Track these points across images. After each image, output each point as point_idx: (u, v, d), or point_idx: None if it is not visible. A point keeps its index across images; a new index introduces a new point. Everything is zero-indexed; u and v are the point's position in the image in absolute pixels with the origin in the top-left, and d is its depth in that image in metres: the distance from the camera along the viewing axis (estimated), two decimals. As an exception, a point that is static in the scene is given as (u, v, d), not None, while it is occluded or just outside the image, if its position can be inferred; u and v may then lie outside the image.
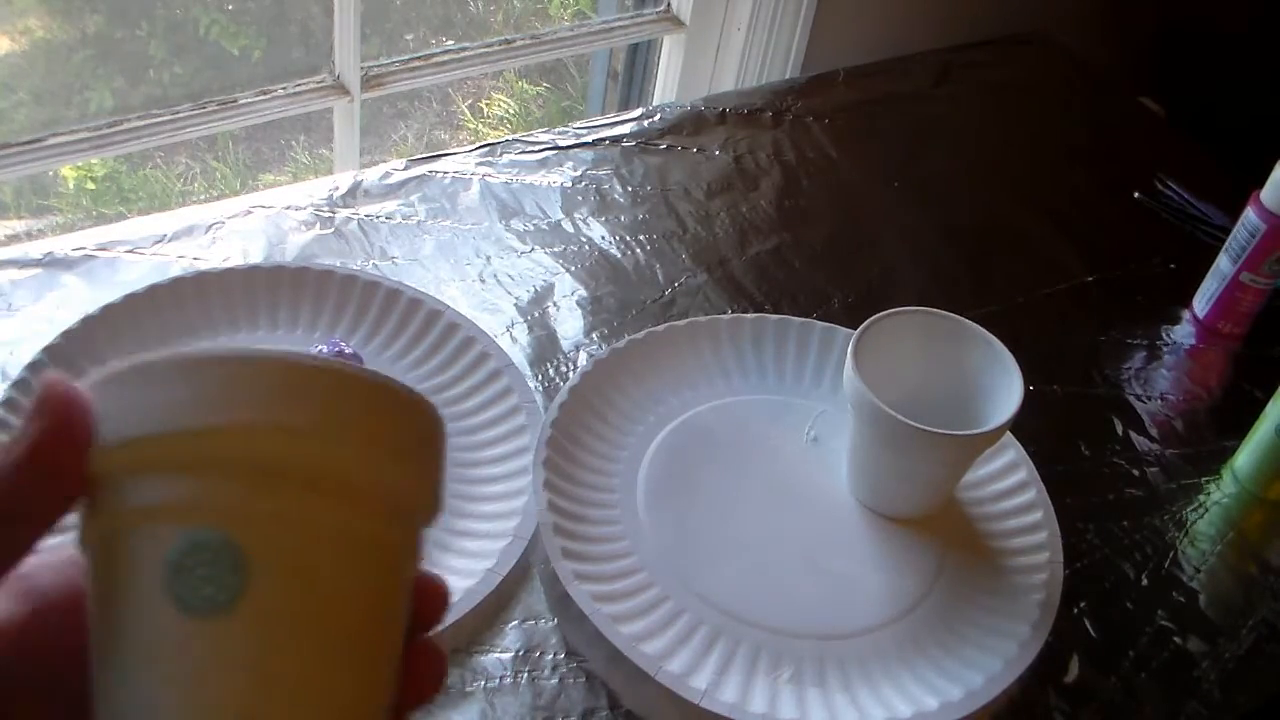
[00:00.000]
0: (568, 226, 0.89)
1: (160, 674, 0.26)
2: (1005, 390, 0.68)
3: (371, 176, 0.90)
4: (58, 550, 0.29)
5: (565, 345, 0.79)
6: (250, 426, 0.26)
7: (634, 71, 1.28)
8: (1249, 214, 0.85)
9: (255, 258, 0.81)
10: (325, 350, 0.74)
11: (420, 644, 0.29)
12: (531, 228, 0.88)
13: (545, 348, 0.79)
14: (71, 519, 0.27)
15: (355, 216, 0.86)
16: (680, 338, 0.79)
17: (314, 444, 0.26)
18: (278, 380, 0.27)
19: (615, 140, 0.98)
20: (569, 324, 0.81)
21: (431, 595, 0.30)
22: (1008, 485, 0.74)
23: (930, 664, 0.65)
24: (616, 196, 0.92)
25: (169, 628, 0.25)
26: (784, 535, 0.70)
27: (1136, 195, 1.02)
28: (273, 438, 0.26)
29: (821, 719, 0.61)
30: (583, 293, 0.84)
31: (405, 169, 0.91)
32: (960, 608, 0.68)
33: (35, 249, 0.79)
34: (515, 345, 0.78)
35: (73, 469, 0.26)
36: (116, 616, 0.26)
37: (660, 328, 0.79)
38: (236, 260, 0.80)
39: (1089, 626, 0.69)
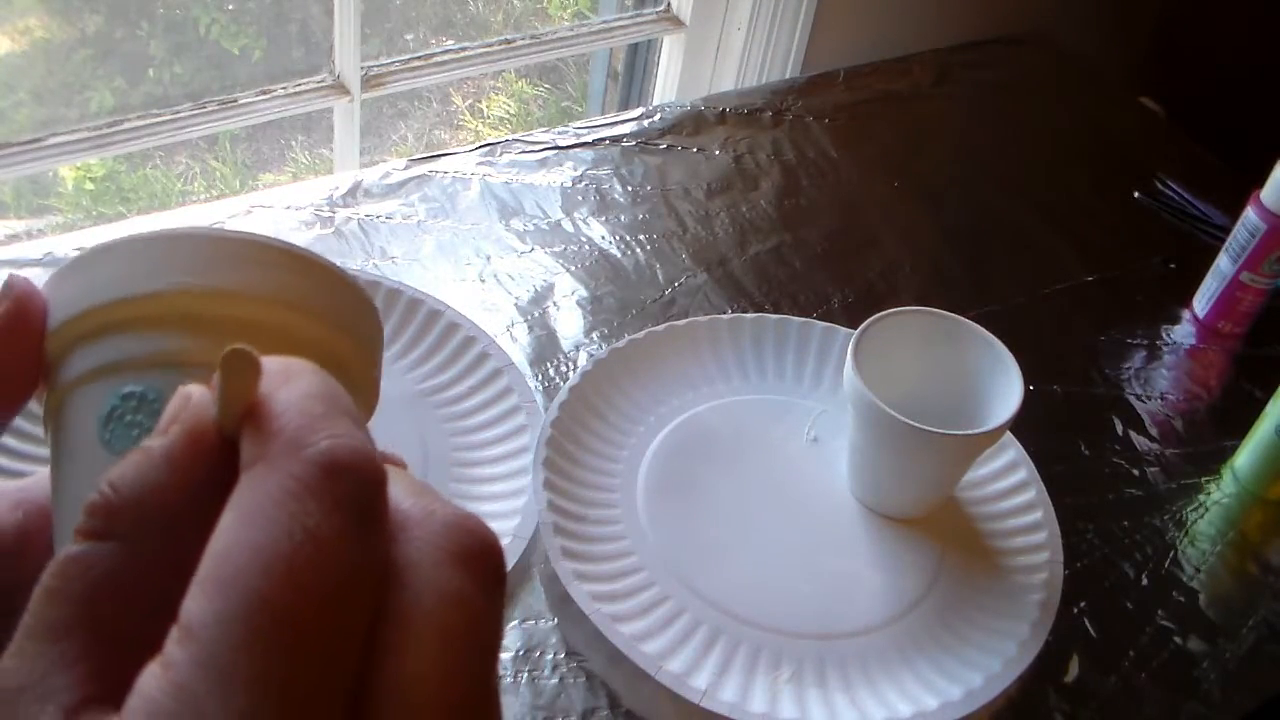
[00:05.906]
0: (568, 226, 0.89)
1: None
2: (1005, 390, 0.68)
3: (371, 176, 0.89)
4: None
5: (565, 345, 0.79)
6: (180, 289, 0.27)
7: (634, 71, 1.28)
8: (1249, 214, 0.85)
9: (255, 258, 0.81)
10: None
11: None
12: (531, 228, 0.88)
13: (545, 348, 0.79)
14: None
15: (355, 216, 0.86)
16: (680, 338, 0.79)
17: (245, 304, 0.27)
18: (220, 251, 0.27)
19: (615, 140, 0.98)
20: (569, 324, 0.81)
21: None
22: (1008, 485, 0.74)
23: (930, 664, 0.65)
24: (616, 196, 0.92)
25: (101, 471, 0.26)
26: (784, 535, 0.70)
27: (1136, 195, 1.02)
28: (203, 298, 0.27)
29: (821, 719, 0.61)
30: (583, 293, 0.84)
31: (405, 169, 0.91)
32: (960, 608, 0.68)
33: (35, 249, 0.79)
34: (515, 345, 0.78)
35: (25, 357, 0.27)
36: (62, 478, 0.27)
37: (660, 328, 0.79)
38: (236, 260, 0.80)
39: (1089, 626, 0.69)
